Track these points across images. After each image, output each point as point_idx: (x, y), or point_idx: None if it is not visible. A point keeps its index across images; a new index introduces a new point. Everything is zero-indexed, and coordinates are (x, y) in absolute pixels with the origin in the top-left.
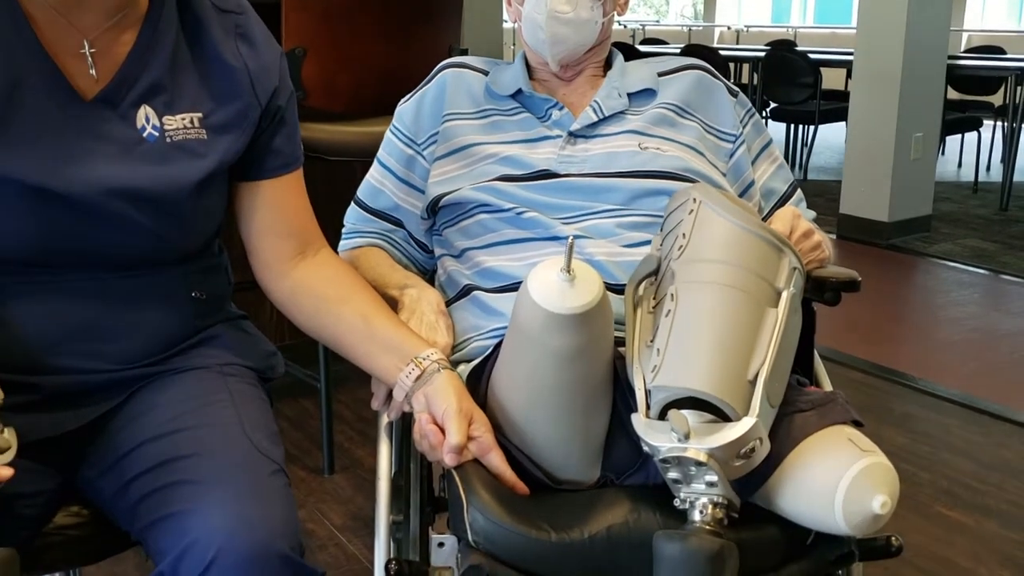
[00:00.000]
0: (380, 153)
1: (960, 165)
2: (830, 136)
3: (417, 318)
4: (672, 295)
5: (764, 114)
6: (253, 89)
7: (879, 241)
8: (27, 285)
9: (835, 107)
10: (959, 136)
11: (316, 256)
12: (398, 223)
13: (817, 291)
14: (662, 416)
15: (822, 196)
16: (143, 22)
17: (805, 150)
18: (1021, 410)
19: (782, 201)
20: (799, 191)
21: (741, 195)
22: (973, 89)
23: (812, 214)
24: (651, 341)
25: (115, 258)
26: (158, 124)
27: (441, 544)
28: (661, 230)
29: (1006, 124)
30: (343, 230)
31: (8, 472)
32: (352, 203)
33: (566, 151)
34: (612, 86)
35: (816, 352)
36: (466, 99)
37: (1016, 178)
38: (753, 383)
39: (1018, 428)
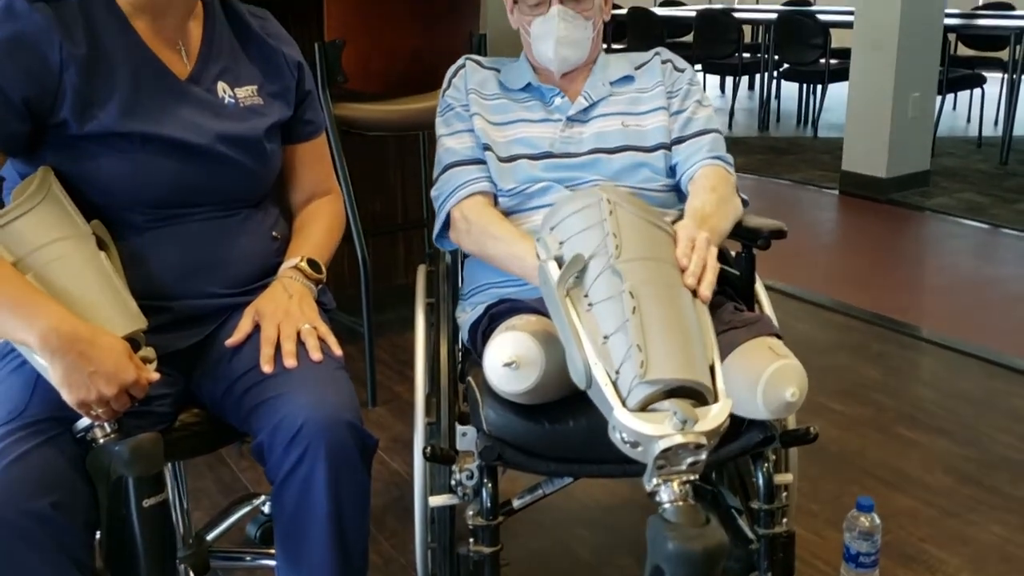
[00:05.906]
0: (440, 133)
1: (969, 120)
2: (843, 95)
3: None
4: (631, 293)
5: (776, 74)
6: (288, 66)
7: (878, 196)
8: (162, 228)
9: (846, 66)
10: (968, 92)
11: (322, 198)
12: (484, 163)
13: (752, 238)
14: (643, 409)
15: (829, 153)
16: (203, 20)
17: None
18: (983, 345)
19: (690, 136)
20: (711, 136)
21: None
22: (983, 45)
23: (723, 160)
24: (604, 339)
25: (224, 193)
26: (232, 94)
27: (464, 434)
28: (553, 229)
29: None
30: (438, 192)
31: (156, 375)
32: (442, 173)
33: (565, 133)
34: (597, 78)
35: (760, 282)
36: (481, 85)
37: (1017, 133)
38: (712, 367)
39: (978, 361)
